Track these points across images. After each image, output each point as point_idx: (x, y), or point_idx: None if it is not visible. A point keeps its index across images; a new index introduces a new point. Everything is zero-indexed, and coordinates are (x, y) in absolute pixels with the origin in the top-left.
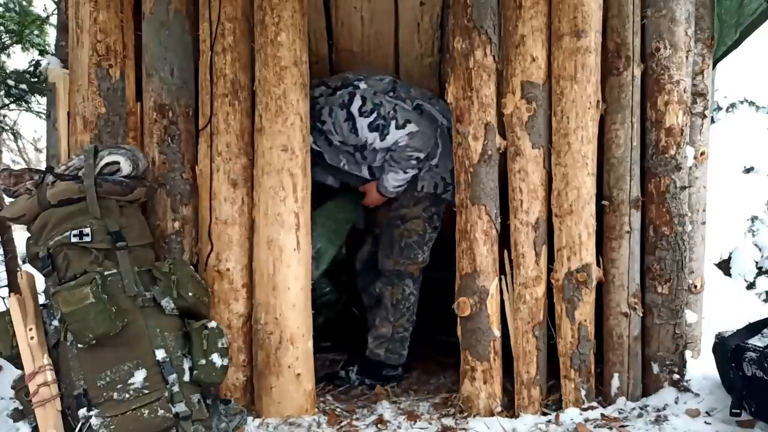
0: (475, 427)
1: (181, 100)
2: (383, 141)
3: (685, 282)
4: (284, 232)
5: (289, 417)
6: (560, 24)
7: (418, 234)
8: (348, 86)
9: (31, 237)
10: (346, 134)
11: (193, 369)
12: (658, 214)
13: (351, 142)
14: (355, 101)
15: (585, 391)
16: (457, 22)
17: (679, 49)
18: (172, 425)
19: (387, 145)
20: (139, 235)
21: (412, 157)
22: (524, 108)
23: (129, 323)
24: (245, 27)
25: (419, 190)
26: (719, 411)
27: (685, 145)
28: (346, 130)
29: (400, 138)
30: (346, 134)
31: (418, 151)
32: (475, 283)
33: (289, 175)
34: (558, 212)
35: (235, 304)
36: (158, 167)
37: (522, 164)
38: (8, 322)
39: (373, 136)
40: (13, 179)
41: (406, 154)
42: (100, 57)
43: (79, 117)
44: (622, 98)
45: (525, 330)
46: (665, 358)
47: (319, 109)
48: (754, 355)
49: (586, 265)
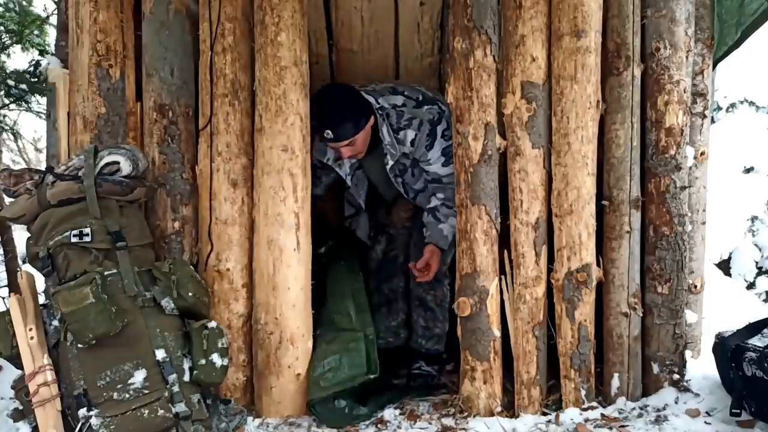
0: (475, 427)
1: (181, 100)
2: (444, 167)
3: (685, 282)
4: (284, 232)
5: (289, 417)
6: (560, 24)
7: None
8: (433, 103)
9: (31, 237)
10: (420, 149)
11: (193, 369)
12: (658, 214)
13: (416, 156)
14: (442, 122)
15: (585, 391)
16: (457, 22)
17: (679, 49)
18: (172, 425)
19: (441, 173)
20: (139, 235)
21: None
22: (524, 108)
23: (129, 323)
24: (245, 27)
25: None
26: (719, 411)
27: (685, 145)
28: (423, 145)
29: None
30: (420, 149)
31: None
32: (475, 283)
33: (289, 175)
34: (558, 212)
35: (235, 304)
36: (158, 167)
37: (522, 164)
38: (8, 322)
39: (439, 160)
40: (13, 179)
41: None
42: (100, 57)
43: (79, 117)
44: (622, 98)
45: (525, 330)
46: (665, 358)
47: (408, 118)
48: (754, 355)
49: (586, 265)
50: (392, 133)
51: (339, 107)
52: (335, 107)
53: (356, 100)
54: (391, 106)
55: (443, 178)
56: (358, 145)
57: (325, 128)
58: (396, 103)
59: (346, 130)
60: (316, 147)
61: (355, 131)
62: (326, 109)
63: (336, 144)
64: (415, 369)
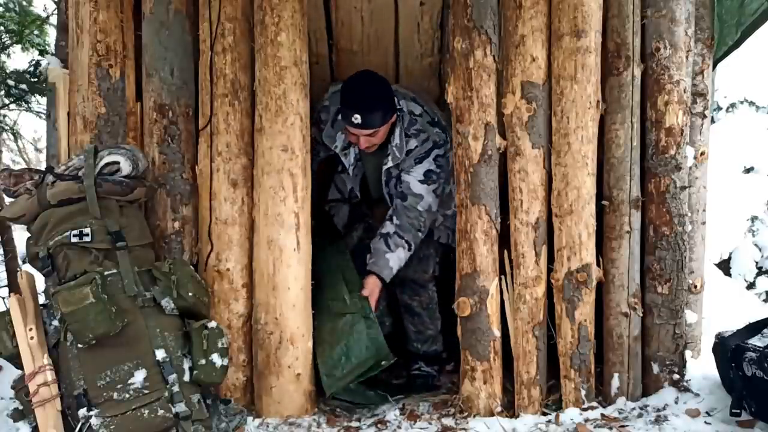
0: (475, 427)
1: (181, 100)
2: (419, 184)
3: (685, 282)
4: (284, 232)
5: (289, 417)
6: (560, 24)
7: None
8: (444, 130)
9: (31, 237)
10: (410, 160)
11: (193, 369)
12: (658, 214)
13: (404, 165)
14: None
15: (585, 391)
16: (457, 22)
17: (679, 49)
18: (172, 425)
19: (414, 188)
20: (139, 235)
21: (418, 228)
22: (524, 108)
23: (129, 323)
24: (245, 27)
25: (436, 239)
26: (719, 411)
27: (685, 145)
28: (414, 158)
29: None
30: (410, 160)
31: (423, 228)
32: (475, 283)
33: (289, 175)
34: (558, 212)
35: (235, 304)
36: (158, 167)
37: (522, 164)
38: (8, 322)
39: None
40: (13, 179)
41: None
42: (100, 57)
43: (79, 117)
44: (622, 98)
45: (525, 330)
46: (665, 358)
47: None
48: (754, 355)
49: (586, 265)
50: (403, 137)
51: (375, 94)
52: (371, 94)
53: (389, 93)
54: (408, 112)
55: (410, 196)
56: (379, 136)
57: (355, 112)
58: (414, 111)
59: (375, 118)
60: (326, 132)
61: (382, 122)
62: (364, 92)
63: (360, 131)
64: (414, 370)
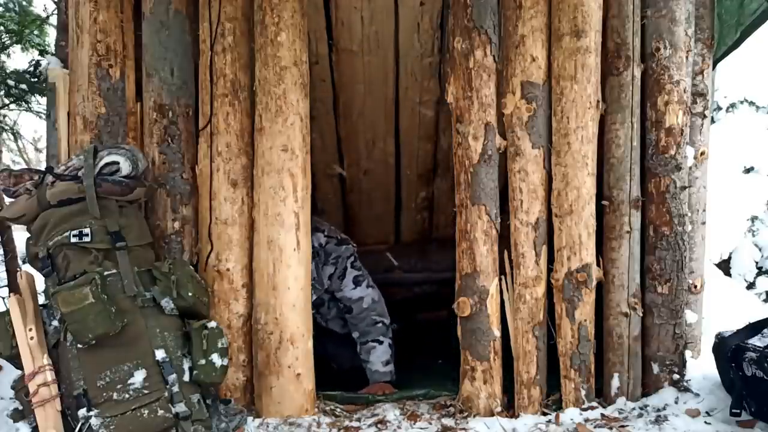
0: (475, 427)
1: (181, 100)
2: (353, 290)
3: (685, 282)
4: (284, 232)
5: (289, 417)
6: (560, 24)
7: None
8: (348, 244)
9: (31, 237)
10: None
11: (193, 369)
12: (658, 214)
13: (332, 288)
14: (351, 257)
15: (585, 391)
16: (457, 22)
17: (679, 49)
18: (172, 425)
19: (351, 295)
20: (139, 235)
21: (376, 321)
22: (524, 108)
23: (129, 323)
24: (245, 27)
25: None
26: (719, 411)
27: (685, 145)
28: (337, 277)
29: (367, 296)
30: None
31: (380, 316)
32: (475, 283)
33: (289, 175)
34: (558, 212)
35: (235, 304)
36: (158, 167)
37: (522, 164)
38: (8, 322)
39: (349, 285)
40: (13, 179)
41: (371, 318)
42: (100, 57)
43: (79, 117)
44: (622, 98)
45: (525, 330)
46: (665, 358)
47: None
48: (754, 355)
49: (586, 265)
50: (320, 269)
51: None
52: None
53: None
54: (318, 246)
55: (353, 305)
56: None
57: None
58: (321, 243)
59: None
60: None
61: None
62: None
63: None
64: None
